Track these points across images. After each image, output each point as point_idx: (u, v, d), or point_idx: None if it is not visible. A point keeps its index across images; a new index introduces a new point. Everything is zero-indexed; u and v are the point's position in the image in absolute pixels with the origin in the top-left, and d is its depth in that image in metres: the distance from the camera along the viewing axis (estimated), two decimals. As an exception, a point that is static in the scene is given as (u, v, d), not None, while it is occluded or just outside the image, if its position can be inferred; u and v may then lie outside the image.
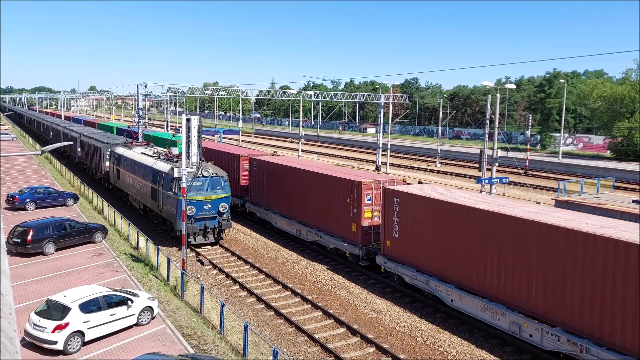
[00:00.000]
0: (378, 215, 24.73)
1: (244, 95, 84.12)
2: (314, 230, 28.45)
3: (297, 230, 30.05)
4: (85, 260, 25.50)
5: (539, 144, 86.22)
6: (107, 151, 44.47)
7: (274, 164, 32.68)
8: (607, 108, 71.67)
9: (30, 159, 63.60)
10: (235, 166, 36.92)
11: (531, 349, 17.40)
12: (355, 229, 25.22)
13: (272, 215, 32.76)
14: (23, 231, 25.74)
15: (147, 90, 56.14)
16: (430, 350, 17.99)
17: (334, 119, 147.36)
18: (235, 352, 16.57)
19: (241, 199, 36.45)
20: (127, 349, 16.56)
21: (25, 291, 21.06)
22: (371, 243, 25.00)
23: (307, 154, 74.85)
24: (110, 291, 18.06)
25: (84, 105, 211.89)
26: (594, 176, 48.04)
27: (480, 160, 34.40)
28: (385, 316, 20.61)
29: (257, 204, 34.58)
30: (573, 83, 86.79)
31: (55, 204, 36.85)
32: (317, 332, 19.14)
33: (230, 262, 27.51)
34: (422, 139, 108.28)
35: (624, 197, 32.03)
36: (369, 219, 24.93)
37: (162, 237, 31.05)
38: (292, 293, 23.02)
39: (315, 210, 28.25)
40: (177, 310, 19.89)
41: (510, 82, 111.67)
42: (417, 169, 65.36)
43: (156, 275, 23.70)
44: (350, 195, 25.35)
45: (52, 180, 48.23)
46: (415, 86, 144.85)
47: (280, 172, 31.84)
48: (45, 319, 16.27)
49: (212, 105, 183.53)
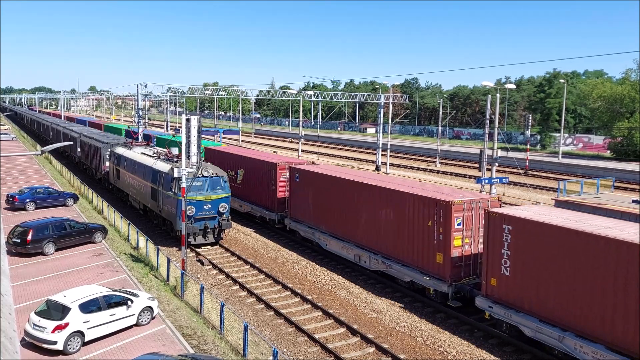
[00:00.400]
0: (469, 244, 20.53)
1: (244, 95, 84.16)
2: (380, 257, 23.88)
3: (356, 255, 25.46)
4: (85, 260, 25.49)
5: (539, 144, 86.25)
6: (107, 151, 44.49)
7: (325, 176, 28.03)
8: (607, 108, 71.71)
9: (30, 159, 63.59)
10: (271, 176, 32.79)
11: (530, 348, 17.47)
12: (441, 260, 20.60)
13: (320, 236, 28.21)
14: (23, 231, 25.74)
15: (147, 90, 56.14)
16: (430, 350, 17.98)
17: (333, 119, 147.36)
18: (235, 352, 16.56)
19: (278, 213, 32.45)
20: (127, 349, 16.55)
21: (25, 291, 21.05)
22: (462, 278, 20.50)
23: (307, 154, 74.83)
24: (110, 291, 18.06)
25: (84, 105, 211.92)
26: (593, 176, 48.03)
27: (480, 160, 34.41)
28: (385, 316, 20.61)
29: (300, 221, 30.13)
30: (573, 83, 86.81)
31: (55, 204, 36.85)
32: (317, 332, 19.13)
33: (230, 262, 27.50)
34: (422, 139, 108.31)
35: (624, 197, 32.03)
36: (459, 248, 20.36)
37: (162, 237, 31.05)
38: (292, 293, 23.01)
39: (381, 234, 23.78)
40: (177, 310, 19.88)
41: (510, 82, 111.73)
42: (417, 169, 65.36)
43: (156, 276, 23.70)
44: (434, 217, 20.81)
45: (52, 180, 48.23)
46: (415, 86, 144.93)
47: (332, 185, 27.35)
48: (45, 319, 16.27)
49: (212, 105, 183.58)
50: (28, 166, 57.97)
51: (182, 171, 23.16)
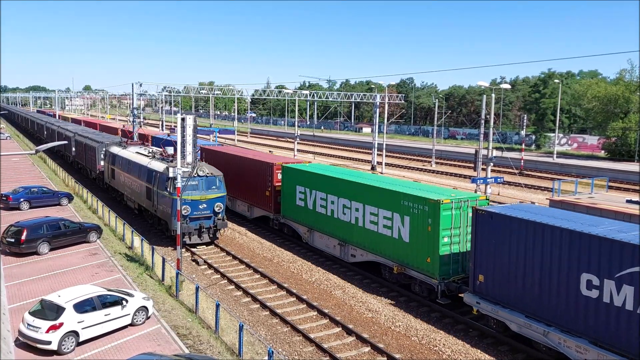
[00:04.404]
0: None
1: (240, 94, 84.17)
2: None
3: None
4: (79, 260, 25.40)
5: (534, 144, 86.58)
6: (102, 150, 44.30)
7: None
8: (601, 108, 72.13)
9: (25, 158, 63.30)
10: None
11: (525, 348, 17.51)
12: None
13: None
14: (17, 231, 25.60)
15: (142, 90, 55.93)
16: (425, 349, 18.02)
17: (329, 118, 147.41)
18: (230, 352, 16.55)
19: None
20: (121, 349, 16.51)
21: (19, 291, 20.96)
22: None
23: (303, 154, 74.83)
24: (104, 291, 18.01)
25: (79, 104, 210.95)
26: (588, 176, 48.28)
27: (476, 160, 34.53)
28: (380, 316, 20.63)
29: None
30: (568, 83, 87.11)
31: (50, 204, 36.69)
32: (313, 331, 19.14)
33: (225, 261, 27.47)
34: (417, 138, 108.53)
35: (617, 197, 32.21)
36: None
37: (157, 237, 30.97)
38: (287, 293, 23.01)
39: None
40: (172, 310, 19.85)
41: (505, 82, 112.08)
42: (413, 169, 65.48)
43: (151, 275, 23.64)
44: None
45: (46, 179, 48.04)
46: (411, 86, 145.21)
47: None
48: (39, 319, 16.21)
49: (207, 104, 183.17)
50: (22, 165, 57.69)
51: (178, 171, 23.11)
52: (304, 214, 29.07)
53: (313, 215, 28.23)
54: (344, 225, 25.79)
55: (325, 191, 27.23)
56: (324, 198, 27.28)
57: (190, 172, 25.41)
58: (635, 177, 53.52)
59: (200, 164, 28.82)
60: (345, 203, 25.71)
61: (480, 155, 34.00)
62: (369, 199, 24.10)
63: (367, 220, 24.24)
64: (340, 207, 26.07)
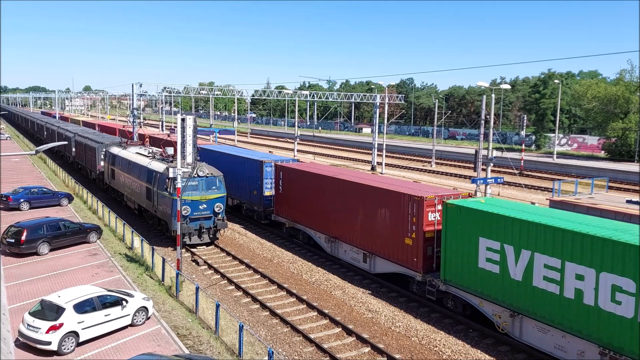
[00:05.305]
0: None
1: (240, 95, 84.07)
2: None
3: None
4: (79, 260, 25.40)
5: (534, 144, 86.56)
6: (102, 151, 44.31)
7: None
8: (601, 108, 72.10)
9: (25, 159, 63.31)
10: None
11: (526, 348, 17.52)
12: None
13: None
14: (17, 231, 25.61)
15: (142, 90, 55.96)
16: (425, 350, 18.02)
17: (329, 119, 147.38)
18: (230, 352, 16.55)
19: None
20: (122, 350, 16.51)
21: (19, 292, 20.96)
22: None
23: (302, 154, 74.82)
24: (104, 291, 18.01)
25: (79, 105, 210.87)
26: (588, 176, 48.26)
27: (476, 160, 34.47)
28: (380, 316, 20.63)
29: None
30: (567, 84, 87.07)
31: (50, 204, 36.69)
32: (313, 332, 19.14)
33: (225, 262, 27.46)
34: (417, 139, 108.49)
35: (618, 197, 32.20)
36: None
37: (157, 237, 30.97)
38: (287, 293, 23.01)
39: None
40: (172, 311, 19.85)
41: (505, 83, 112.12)
42: (412, 169, 65.46)
43: (151, 276, 23.64)
44: None
45: (46, 180, 48.03)
46: (411, 86, 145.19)
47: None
48: (39, 319, 16.21)
49: (207, 105, 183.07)
50: (22, 166, 57.69)
51: (177, 171, 23.10)
52: (497, 285, 18.19)
53: (522, 290, 17.32)
54: (608, 318, 14.86)
55: (556, 255, 16.16)
56: (556, 267, 16.17)
57: (190, 172, 25.42)
58: (635, 177, 53.51)
59: (200, 164, 28.83)
60: (614, 282, 14.64)
61: (480, 156, 33.96)
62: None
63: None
64: (594, 285, 15.12)
